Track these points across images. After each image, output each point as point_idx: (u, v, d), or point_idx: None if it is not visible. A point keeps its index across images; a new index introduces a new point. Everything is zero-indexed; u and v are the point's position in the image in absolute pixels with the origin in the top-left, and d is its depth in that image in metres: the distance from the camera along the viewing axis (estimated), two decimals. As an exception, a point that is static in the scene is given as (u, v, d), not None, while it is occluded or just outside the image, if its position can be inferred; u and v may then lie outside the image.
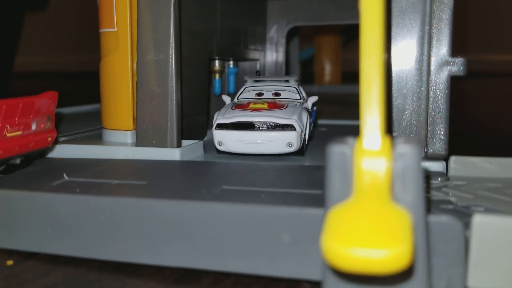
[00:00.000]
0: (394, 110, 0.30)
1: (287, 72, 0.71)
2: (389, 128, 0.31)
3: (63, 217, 0.25)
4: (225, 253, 0.23)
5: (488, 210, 0.23)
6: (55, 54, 2.50)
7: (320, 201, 0.21)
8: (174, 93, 0.35)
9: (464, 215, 0.22)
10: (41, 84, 1.89)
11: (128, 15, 0.37)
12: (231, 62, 0.53)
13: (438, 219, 0.20)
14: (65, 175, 0.29)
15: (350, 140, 0.19)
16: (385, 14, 0.18)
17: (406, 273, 0.18)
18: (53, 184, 0.27)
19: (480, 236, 0.19)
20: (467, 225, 0.20)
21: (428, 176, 0.29)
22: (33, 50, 2.32)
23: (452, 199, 0.25)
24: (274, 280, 0.23)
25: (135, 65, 0.37)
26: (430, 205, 0.23)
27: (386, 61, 0.30)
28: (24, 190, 0.26)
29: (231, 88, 0.54)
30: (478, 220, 0.19)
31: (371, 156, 0.17)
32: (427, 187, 0.27)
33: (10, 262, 0.25)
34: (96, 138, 0.40)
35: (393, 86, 0.30)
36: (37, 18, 1.88)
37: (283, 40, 0.63)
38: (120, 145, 0.37)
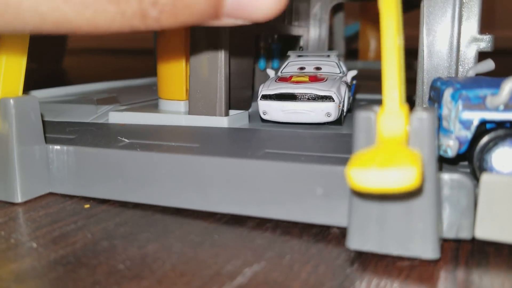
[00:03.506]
0: (425, 83, 0.33)
1: (330, 48, 0.73)
2: (421, 100, 0.34)
3: (131, 170, 0.29)
4: (267, 203, 0.26)
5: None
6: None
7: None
8: (223, 68, 0.39)
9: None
10: (95, 59, 1.98)
11: (182, -5, 0.40)
12: (276, 38, 0.56)
13: (452, 176, 0.23)
14: (125, 139, 0.33)
15: (375, 107, 0.22)
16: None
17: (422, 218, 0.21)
18: (119, 145, 0.32)
19: (487, 193, 0.22)
20: (478, 184, 0.23)
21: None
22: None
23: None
24: (309, 225, 0.27)
25: (188, 41, 0.40)
26: (449, 166, 0.26)
27: (420, 39, 0.32)
28: (98, 147, 0.31)
29: (275, 63, 0.57)
30: (486, 178, 0.22)
31: (392, 119, 0.20)
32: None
33: (87, 206, 0.30)
34: (153, 107, 0.44)
35: (424, 61, 0.32)
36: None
37: (326, 17, 0.65)
38: (174, 113, 0.41)
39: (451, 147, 0.24)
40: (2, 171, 0.30)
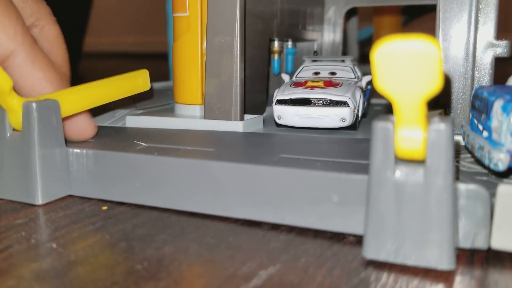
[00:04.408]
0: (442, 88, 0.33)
1: (344, 52, 0.73)
2: (438, 105, 0.34)
3: (148, 174, 0.30)
4: (283, 209, 0.27)
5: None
6: (120, 35, 2.61)
7: (367, 169, 0.24)
8: (238, 72, 0.39)
9: (495, 186, 0.24)
10: (110, 63, 1.99)
11: (199, 1, 0.41)
12: (290, 43, 0.57)
13: (468, 187, 0.23)
14: (143, 143, 0.34)
15: (392, 117, 0.22)
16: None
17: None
18: (137, 148, 0.32)
19: (503, 203, 0.22)
20: (494, 194, 0.23)
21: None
22: (101, 31, 2.43)
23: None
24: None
25: (204, 47, 0.41)
26: (465, 176, 0.26)
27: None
28: (117, 150, 0.31)
29: (289, 67, 0.57)
30: (502, 189, 0.22)
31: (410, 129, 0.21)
32: (468, 160, 0.30)
33: (105, 208, 0.31)
34: (169, 111, 0.45)
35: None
36: (106, 1, 1.97)
37: (340, 21, 0.65)
38: (190, 118, 0.41)
39: (502, 160, 0.23)
40: (23, 173, 0.31)
